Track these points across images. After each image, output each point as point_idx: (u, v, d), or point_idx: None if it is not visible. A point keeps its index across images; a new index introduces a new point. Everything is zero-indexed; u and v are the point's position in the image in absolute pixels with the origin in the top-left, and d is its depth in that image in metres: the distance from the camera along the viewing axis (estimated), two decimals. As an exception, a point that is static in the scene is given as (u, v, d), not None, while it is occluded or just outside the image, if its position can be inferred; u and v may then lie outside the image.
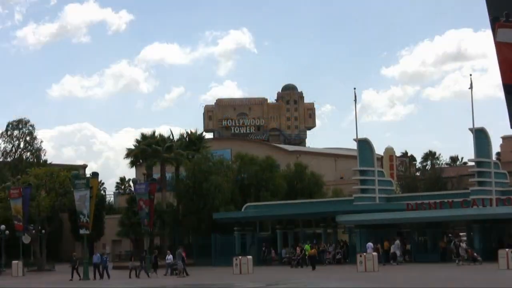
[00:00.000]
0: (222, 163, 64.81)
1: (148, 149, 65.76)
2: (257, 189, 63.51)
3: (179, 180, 64.86)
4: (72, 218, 66.45)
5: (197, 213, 61.09)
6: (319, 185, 65.36)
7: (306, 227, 58.08)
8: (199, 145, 69.35)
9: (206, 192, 60.54)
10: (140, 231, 59.27)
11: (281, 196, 61.55)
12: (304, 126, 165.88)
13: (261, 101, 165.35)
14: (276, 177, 63.21)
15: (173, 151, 65.63)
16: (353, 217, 49.99)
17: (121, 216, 67.19)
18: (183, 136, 70.39)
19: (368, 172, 52.04)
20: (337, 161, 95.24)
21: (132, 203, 63.60)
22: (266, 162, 64.04)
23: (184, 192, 62.68)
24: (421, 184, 68.97)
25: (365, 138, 52.90)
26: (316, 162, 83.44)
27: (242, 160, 64.46)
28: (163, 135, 69.23)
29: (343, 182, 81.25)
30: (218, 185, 60.52)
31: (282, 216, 54.94)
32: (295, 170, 65.23)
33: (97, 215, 64.91)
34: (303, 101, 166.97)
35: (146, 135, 68.69)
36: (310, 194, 63.16)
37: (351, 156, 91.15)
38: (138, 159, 68.38)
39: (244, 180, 64.08)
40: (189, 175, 63.15)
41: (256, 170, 62.93)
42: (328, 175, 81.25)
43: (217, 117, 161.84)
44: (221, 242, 57.23)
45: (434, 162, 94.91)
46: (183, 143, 68.92)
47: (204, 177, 61.45)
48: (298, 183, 64.29)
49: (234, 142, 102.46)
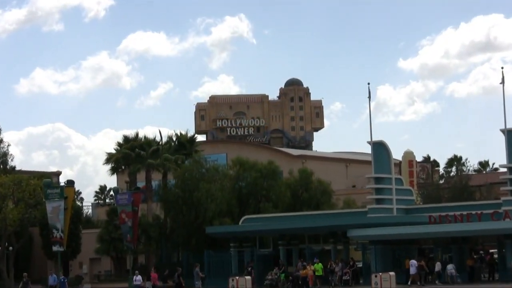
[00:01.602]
0: (216, 170, 64.73)
1: (131, 153, 65.83)
2: (256, 199, 63.43)
3: (167, 189, 64.81)
4: (44, 233, 66.40)
5: (188, 226, 61.02)
6: (328, 195, 65.31)
7: (313, 243, 57.94)
8: (190, 148, 69.39)
9: (198, 202, 60.49)
10: (122, 248, 59.37)
11: (284, 207, 61.44)
12: (310, 127, 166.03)
13: (261, 99, 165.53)
14: (278, 185, 63.13)
15: (160, 156, 65.70)
16: (367, 232, 49.93)
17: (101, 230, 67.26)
18: (172, 138, 70.45)
19: (384, 180, 51.99)
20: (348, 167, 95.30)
21: (113, 215, 63.69)
22: (267, 168, 63.95)
23: (173, 202, 62.59)
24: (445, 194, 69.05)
25: (380, 141, 52.85)
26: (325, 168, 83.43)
27: (240, 166, 64.41)
28: (149, 137, 69.40)
29: (355, 191, 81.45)
30: (211, 195, 60.45)
31: (285, 230, 54.89)
32: (300, 177, 65.09)
33: (73, 229, 64.80)
34: (309, 98, 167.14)
35: (129, 138, 68.86)
36: (318, 205, 63.10)
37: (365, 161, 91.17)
38: (119, 165, 68.43)
39: (242, 189, 63.99)
40: (179, 183, 63.08)
41: (256, 178, 62.85)
42: (338, 183, 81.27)
43: (210, 116, 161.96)
44: (215, 260, 57.09)
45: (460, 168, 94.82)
46: (171, 146, 68.95)
47: (196, 186, 61.37)
48: (303, 193, 64.28)
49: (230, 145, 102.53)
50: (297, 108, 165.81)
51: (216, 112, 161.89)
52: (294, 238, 56.84)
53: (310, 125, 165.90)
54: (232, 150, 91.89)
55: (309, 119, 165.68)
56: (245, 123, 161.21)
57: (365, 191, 70.76)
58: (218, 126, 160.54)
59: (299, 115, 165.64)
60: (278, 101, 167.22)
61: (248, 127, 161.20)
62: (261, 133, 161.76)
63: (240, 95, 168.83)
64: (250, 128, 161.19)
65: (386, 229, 49.07)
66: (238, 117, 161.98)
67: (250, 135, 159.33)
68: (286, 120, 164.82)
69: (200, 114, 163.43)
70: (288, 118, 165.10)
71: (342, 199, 68.35)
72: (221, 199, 60.85)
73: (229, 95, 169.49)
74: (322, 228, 53.80)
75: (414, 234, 49.17)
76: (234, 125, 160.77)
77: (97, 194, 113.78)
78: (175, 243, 63.67)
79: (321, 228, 54.05)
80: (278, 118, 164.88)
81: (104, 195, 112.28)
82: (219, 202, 60.55)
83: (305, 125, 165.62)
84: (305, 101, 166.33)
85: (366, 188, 65.06)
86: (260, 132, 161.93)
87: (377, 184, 52.22)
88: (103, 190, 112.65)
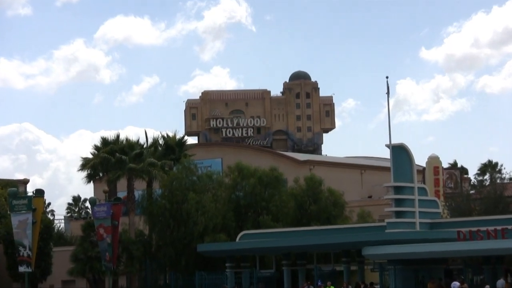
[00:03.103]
0: (210, 177, 64.99)
1: (111, 158, 65.92)
2: (256, 211, 63.65)
3: (152, 199, 65.00)
4: (9, 250, 66.39)
5: (176, 244, 61.13)
6: (340, 207, 65.60)
7: (323, 263, 58.17)
8: (179, 153, 69.59)
9: (188, 215, 60.61)
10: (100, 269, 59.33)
11: (289, 221, 61.64)
12: (319, 128, 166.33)
13: (261, 95, 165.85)
14: (282, 195, 63.39)
15: (144, 161, 65.78)
16: (385, 250, 49.93)
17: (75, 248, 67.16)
18: (158, 141, 70.72)
19: (405, 189, 52.13)
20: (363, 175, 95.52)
21: (89, 231, 63.70)
22: (269, 176, 64.18)
23: (159, 216, 62.78)
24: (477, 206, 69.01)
25: (401, 144, 52.97)
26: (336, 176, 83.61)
27: (238, 173, 64.63)
28: (131, 139, 69.53)
29: (371, 202, 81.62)
30: (204, 207, 60.59)
31: (290, 248, 54.99)
32: (308, 186, 65.36)
33: (42, 247, 64.82)
34: (318, 94, 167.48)
35: (108, 140, 68.95)
36: (328, 218, 63.34)
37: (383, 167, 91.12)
38: (97, 172, 68.56)
39: (240, 199, 64.21)
40: (166, 193, 63.26)
41: (256, 187, 63.08)
42: (351, 193, 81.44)
43: (203, 115, 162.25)
44: (208, 283, 57.26)
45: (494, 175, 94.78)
46: (157, 150, 69.17)
47: (186, 196, 61.49)
48: (311, 204, 64.48)
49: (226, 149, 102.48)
50: (303, 106, 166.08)
51: (209, 110, 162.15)
52: (300, 257, 56.91)
53: (319, 125, 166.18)
54: (228, 155, 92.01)
55: (317, 118, 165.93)
56: (243, 123, 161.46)
57: (383, 202, 71.07)
58: (212, 127, 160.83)
59: (306, 113, 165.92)
60: (281, 97, 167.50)
61: (247, 128, 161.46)
62: (262, 134, 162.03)
63: (237, 91, 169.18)
64: (249, 129, 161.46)
65: (407, 246, 49.12)
66: (235, 116, 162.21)
67: (249, 137, 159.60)
68: (291, 120, 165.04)
69: (191, 113, 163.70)
70: (294, 117, 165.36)
71: (357, 211, 68.50)
72: (215, 211, 61.02)
73: (225, 90, 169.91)
74: (333, 245, 53.90)
75: (440, 253, 49.15)
76: (231, 126, 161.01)
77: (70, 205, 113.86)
78: (162, 263, 63.72)
79: (332, 246, 54.17)
80: (282, 117, 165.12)
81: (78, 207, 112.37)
82: (212, 215, 60.70)
83: (313, 125, 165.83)
84: (313, 97, 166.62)
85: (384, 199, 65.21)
86: (260, 134, 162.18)
87: (397, 194, 52.29)
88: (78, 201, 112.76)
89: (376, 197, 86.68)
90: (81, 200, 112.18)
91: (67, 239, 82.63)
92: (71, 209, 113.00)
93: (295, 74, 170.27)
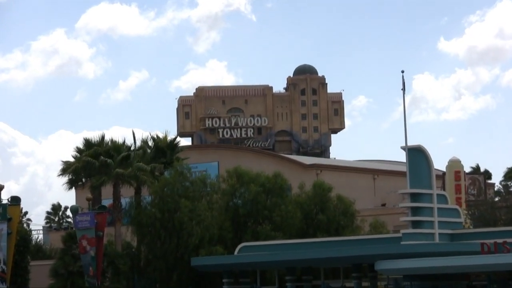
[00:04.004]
0: (205, 183, 64.97)
1: (95, 162, 65.81)
2: (257, 221, 63.71)
3: (141, 208, 64.92)
4: (-19, 265, 66.31)
5: (168, 257, 61.06)
6: (350, 216, 65.68)
7: (331, 279, 57.98)
8: (170, 156, 69.63)
9: (180, 226, 60.60)
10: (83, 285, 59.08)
11: (293, 231, 61.61)
12: (327, 128, 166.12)
13: (263, 91, 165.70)
14: (286, 204, 63.28)
15: (132, 165, 65.76)
16: (400, 264, 49.79)
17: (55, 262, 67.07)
18: (147, 142, 70.76)
19: (423, 197, 52.11)
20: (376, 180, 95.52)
21: (70, 242, 63.53)
22: (272, 182, 64.23)
23: (148, 226, 62.74)
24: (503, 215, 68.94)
25: (418, 146, 52.95)
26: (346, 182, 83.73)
27: (236, 179, 64.60)
28: (117, 141, 69.46)
29: (385, 211, 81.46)
30: (198, 216, 60.59)
31: (295, 262, 54.89)
32: (315, 193, 65.43)
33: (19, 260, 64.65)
34: (325, 91, 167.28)
35: (91, 141, 68.87)
36: (337, 229, 63.41)
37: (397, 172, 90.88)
38: (79, 177, 68.61)
39: (239, 208, 64.14)
40: (156, 201, 63.24)
41: (257, 194, 63.07)
42: (363, 200, 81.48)
43: (197, 114, 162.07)
44: (203, 301, 57.41)
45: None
46: (146, 153, 69.19)
47: (178, 204, 61.54)
48: (318, 213, 64.53)
49: (223, 151, 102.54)
50: (309, 104, 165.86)
51: (204, 108, 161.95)
52: (306, 272, 56.92)
53: (327, 125, 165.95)
54: (226, 158, 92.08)
55: (325, 117, 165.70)
56: (242, 122, 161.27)
57: (398, 211, 70.98)
58: (208, 127, 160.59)
59: (312, 112, 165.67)
60: (285, 94, 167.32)
61: (246, 128, 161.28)
62: (263, 135, 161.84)
63: (235, 87, 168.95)
64: (248, 129, 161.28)
65: (425, 260, 48.98)
66: (233, 115, 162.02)
67: (248, 138, 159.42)
68: (295, 119, 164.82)
69: (184, 111, 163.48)
70: (298, 116, 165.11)
71: (369, 221, 68.41)
72: (211, 221, 61.01)
73: (222, 86, 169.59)
74: (342, 259, 53.75)
75: (461, 267, 49.00)
76: (228, 126, 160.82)
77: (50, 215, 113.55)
78: (152, 278, 63.65)
79: (341, 259, 54.00)
80: (285, 116, 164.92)
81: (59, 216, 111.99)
82: (208, 225, 60.67)
83: (320, 125, 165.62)
84: (320, 94, 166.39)
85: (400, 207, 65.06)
86: (261, 135, 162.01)
87: (413, 202, 52.26)
88: (58, 210, 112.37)
89: (391, 205, 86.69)
90: (61, 208, 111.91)
91: (46, 252, 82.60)
92: (51, 218, 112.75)
93: (300, 68, 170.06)
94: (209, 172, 73.00)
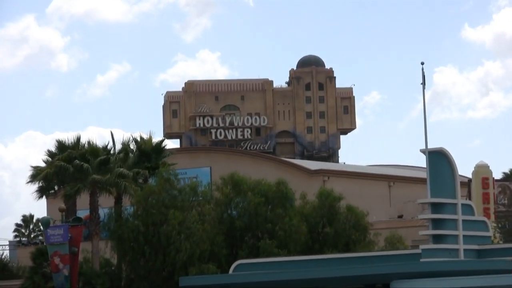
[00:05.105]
0: (195, 191, 65.13)
1: (69, 167, 65.96)
2: (256, 235, 63.77)
3: (122, 220, 65.11)
4: None
5: (153, 277, 61.37)
6: (362, 229, 66.00)
7: (340, 301, 57.77)
8: (156, 160, 69.74)
9: (167, 240, 60.78)
10: (55, 308, 58.89)
11: (297, 247, 61.81)
12: (335, 128, 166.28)
13: (262, 85, 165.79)
14: (289, 215, 63.38)
15: (112, 171, 65.98)
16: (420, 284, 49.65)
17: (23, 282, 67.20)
18: (129, 145, 70.95)
19: (445, 207, 52.02)
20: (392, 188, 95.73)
21: (41, 259, 63.68)
22: (273, 190, 64.42)
23: (131, 240, 62.88)
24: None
25: (440, 149, 52.84)
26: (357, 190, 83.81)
27: (231, 186, 64.80)
28: (94, 143, 69.61)
29: (402, 223, 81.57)
30: (187, 229, 60.82)
31: (298, 282, 54.48)
32: (321, 203, 65.77)
33: (-18, 280, 64.78)
34: (334, 86, 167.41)
35: (65, 144, 69.06)
36: (347, 244, 63.75)
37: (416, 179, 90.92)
38: (51, 185, 68.87)
39: (235, 220, 64.34)
40: (139, 212, 63.57)
41: (256, 204, 63.16)
42: (377, 211, 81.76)
43: (186, 112, 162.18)
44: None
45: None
46: (128, 157, 69.38)
47: (165, 215, 61.75)
48: (326, 226, 64.90)
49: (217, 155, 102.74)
50: (315, 100, 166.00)
51: (194, 105, 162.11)
52: (312, 294, 56.61)
53: (335, 125, 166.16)
54: (219, 163, 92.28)
55: (333, 116, 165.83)
56: (238, 122, 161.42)
57: (417, 223, 71.02)
58: (198, 127, 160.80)
59: (318, 110, 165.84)
60: (287, 89, 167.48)
61: (243, 128, 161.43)
62: (262, 137, 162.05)
63: (230, 81, 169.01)
64: (245, 129, 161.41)
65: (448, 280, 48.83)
66: (228, 113, 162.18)
67: (246, 140, 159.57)
68: (299, 118, 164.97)
69: (171, 109, 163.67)
70: (303, 115, 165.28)
71: (384, 235, 68.61)
72: (202, 235, 61.09)
73: (214, 80, 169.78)
74: (353, 278, 53.47)
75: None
76: (222, 125, 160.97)
77: (19, 227, 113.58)
78: (134, 301, 63.76)
79: (352, 279, 53.73)
80: (288, 114, 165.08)
81: (28, 229, 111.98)
82: (199, 239, 60.81)
83: (327, 125, 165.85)
84: (327, 89, 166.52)
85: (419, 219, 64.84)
86: (260, 136, 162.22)
87: (435, 213, 52.16)
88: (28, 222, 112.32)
89: (409, 217, 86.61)
90: (31, 220, 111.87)
91: (12, 271, 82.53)
92: (20, 231, 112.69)
93: (305, 59, 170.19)
94: (200, 179, 73.10)
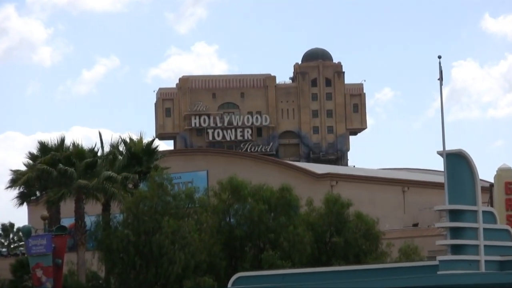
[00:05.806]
0: (191, 197, 65.36)
1: (52, 170, 65.99)
2: (257, 246, 64.26)
3: (111, 229, 65.31)
4: None
5: (144, 290, 61.28)
6: (374, 239, 66.47)
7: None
8: (147, 163, 70.02)
9: (160, 250, 60.96)
10: (37, 326, 58.76)
11: (302, 258, 62.10)
12: (344, 128, 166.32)
13: (263, 81, 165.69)
14: (294, 224, 63.63)
15: (99, 175, 66.04)
16: (437, 299, 50.07)
17: (2, 296, 67.35)
18: (117, 147, 71.25)
19: (465, 214, 52.01)
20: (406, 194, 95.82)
21: (22, 272, 64.20)
22: (276, 196, 64.76)
23: (120, 251, 63.12)
24: None
25: (459, 151, 52.80)
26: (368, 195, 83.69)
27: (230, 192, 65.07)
28: (80, 144, 69.75)
29: (418, 232, 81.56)
30: (183, 238, 61.04)
31: (304, 297, 54.48)
32: (329, 210, 66.02)
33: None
34: (342, 81, 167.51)
35: (47, 145, 69.25)
36: (357, 255, 64.14)
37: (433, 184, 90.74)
38: (32, 191, 69.16)
39: (234, 229, 64.58)
40: (129, 220, 63.82)
41: (257, 211, 63.43)
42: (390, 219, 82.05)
43: (181, 111, 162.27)
44: None
45: None
46: (117, 159, 69.64)
47: (158, 223, 61.84)
48: (334, 235, 65.20)
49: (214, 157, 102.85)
50: (322, 97, 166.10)
51: (190, 103, 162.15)
52: (318, 310, 56.39)
53: (344, 124, 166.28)
54: (217, 166, 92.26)
55: (342, 114, 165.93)
56: (237, 121, 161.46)
57: (434, 232, 70.81)
58: (194, 127, 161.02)
59: (325, 108, 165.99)
60: (291, 85, 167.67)
61: (243, 128, 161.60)
62: (264, 137, 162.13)
63: (229, 76, 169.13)
64: (245, 129, 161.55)
65: (469, 294, 49.09)
66: (227, 112, 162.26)
67: (246, 141, 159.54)
68: (304, 117, 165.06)
69: (165, 107, 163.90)
70: (308, 114, 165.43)
71: (397, 245, 68.72)
72: (198, 245, 61.44)
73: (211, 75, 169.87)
74: (364, 292, 53.51)
75: (515, 303, 49.35)
76: (220, 125, 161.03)
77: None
78: (124, 317, 63.99)
79: (363, 293, 53.68)
80: (292, 113, 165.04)
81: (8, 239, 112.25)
82: (195, 250, 61.11)
83: (335, 124, 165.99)
84: (335, 85, 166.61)
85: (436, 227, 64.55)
86: (262, 137, 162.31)
87: (453, 221, 52.19)
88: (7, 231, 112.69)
89: (425, 225, 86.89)
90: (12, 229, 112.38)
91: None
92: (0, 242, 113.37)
93: (311, 52, 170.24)
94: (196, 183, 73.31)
